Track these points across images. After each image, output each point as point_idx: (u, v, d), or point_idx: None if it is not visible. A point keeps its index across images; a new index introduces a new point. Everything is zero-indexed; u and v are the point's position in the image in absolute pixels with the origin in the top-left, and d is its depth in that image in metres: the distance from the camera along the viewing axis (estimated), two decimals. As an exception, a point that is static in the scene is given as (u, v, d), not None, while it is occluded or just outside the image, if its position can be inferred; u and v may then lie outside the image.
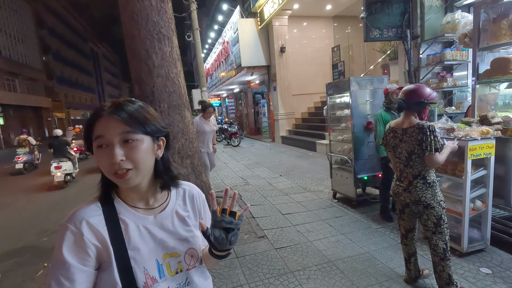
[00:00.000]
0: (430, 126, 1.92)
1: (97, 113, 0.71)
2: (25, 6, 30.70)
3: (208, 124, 4.80)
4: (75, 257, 0.65)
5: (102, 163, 0.69)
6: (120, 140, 0.69)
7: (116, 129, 0.69)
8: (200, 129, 4.68)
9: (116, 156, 0.67)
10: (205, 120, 4.78)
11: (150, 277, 0.71)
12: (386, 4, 5.08)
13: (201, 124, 4.71)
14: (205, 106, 4.79)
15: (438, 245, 2.01)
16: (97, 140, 0.69)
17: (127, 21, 3.31)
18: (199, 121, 4.69)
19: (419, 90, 2.02)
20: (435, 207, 1.98)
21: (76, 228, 0.67)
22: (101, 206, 0.72)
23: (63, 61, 38.56)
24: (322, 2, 10.38)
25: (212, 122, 4.93)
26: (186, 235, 0.80)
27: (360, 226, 3.46)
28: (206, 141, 4.77)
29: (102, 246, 0.68)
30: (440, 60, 4.53)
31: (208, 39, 21.37)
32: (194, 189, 0.91)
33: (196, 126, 4.52)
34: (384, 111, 3.51)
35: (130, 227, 0.73)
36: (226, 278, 2.60)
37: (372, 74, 9.32)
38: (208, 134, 4.76)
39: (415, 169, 2.03)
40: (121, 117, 0.69)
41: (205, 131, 4.71)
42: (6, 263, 3.38)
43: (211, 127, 4.86)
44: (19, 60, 28.11)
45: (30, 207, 5.64)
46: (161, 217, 0.78)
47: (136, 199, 0.77)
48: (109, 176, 0.71)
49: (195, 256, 0.81)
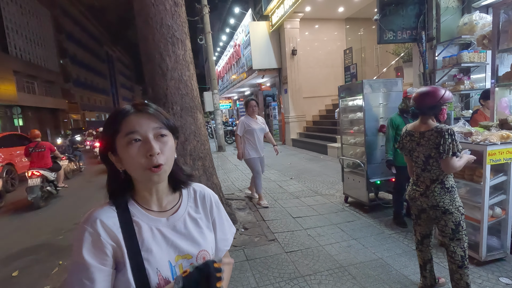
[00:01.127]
0: (449, 130, 1.86)
1: (123, 112, 0.72)
2: (45, 11, 31.87)
3: (256, 121, 4.30)
4: (94, 257, 0.66)
5: (136, 158, 0.70)
6: (154, 134, 0.72)
7: (149, 124, 0.71)
8: (247, 128, 4.24)
9: (155, 149, 0.69)
10: (251, 118, 4.31)
11: (163, 278, 0.71)
12: (400, 5, 5.01)
13: (247, 122, 4.23)
14: (246, 102, 4.38)
15: (456, 252, 1.95)
16: (128, 135, 0.70)
17: (142, 25, 3.37)
18: (244, 119, 4.27)
19: (430, 93, 1.95)
20: (454, 212, 1.92)
21: (93, 229, 0.68)
22: (116, 209, 0.73)
23: (80, 64, 39.75)
24: (334, 4, 10.32)
25: (260, 120, 4.41)
26: (198, 237, 0.81)
27: (372, 231, 3.39)
28: (256, 143, 4.27)
29: (118, 247, 0.69)
30: (457, 62, 4.42)
31: (220, 42, 21.58)
32: (205, 190, 0.92)
33: (242, 126, 4.23)
34: (397, 115, 3.46)
35: (143, 229, 0.74)
36: (236, 280, 2.59)
37: (385, 76, 9.18)
38: (257, 133, 4.26)
39: (432, 174, 1.97)
40: (151, 113, 0.72)
41: (253, 128, 4.22)
42: (23, 260, 3.48)
43: (260, 125, 4.32)
44: (38, 63, 29.14)
45: (46, 206, 5.80)
46: (173, 219, 0.79)
47: (151, 201, 0.78)
48: (139, 172, 0.71)
49: (207, 258, 0.81)
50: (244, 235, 3.51)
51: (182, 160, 3.47)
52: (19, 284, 2.98)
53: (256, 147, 4.27)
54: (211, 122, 16.31)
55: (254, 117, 4.33)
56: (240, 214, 4.20)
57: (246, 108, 4.35)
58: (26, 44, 27.50)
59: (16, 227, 4.68)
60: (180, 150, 3.46)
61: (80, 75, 39.60)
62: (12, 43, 25.29)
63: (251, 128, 4.19)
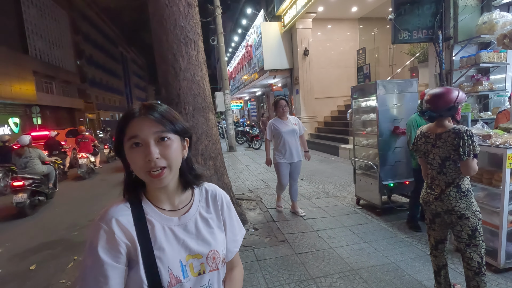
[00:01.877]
0: (467, 131, 1.80)
1: (128, 115, 0.73)
2: (63, 14, 32.87)
3: (285, 123, 3.86)
4: (108, 255, 0.67)
5: (137, 162, 0.71)
6: (155, 139, 0.72)
7: (150, 128, 0.72)
8: (274, 131, 3.86)
9: (153, 154, 0.70)
10: (280, 120, 3.89)
11: (174, 277, 0.72)
12: (416, 4, 4.90)
13: (275, 125, 3.84)
14: (275, 102, 3.94)
15: (472, 258, 1.88)
16: (131, 140, 0.71)
17: (156, 26, 3.43)
18: (273, 122, 3.89)
19: (446, 94, 1.89)
20: (470, 217, 1.86)
21: (108, 226, 0.69)
22: (130, 206, 0.75)
23: (95, 65, 40.76)
24: (347, 4, 10.20)
25: (292, 121, 3.93)
26: (208, 237, 0.81)
27: (385, 234, 3.33)
28: (285, 147, 3.82)
29: (131, 245, 0.71)
30: (475, 63, 4.29)
31: (232, 43, 21.70)
32: (217, 189, 0.92)
33: (269, 129, 3.88)
34: (418, 116, 3.32)
35: (156, 227, 0.75)
36: (246, 281, 2.59)
37: (399, 77, 9.01)
38: (285, 136, 3.80)
39: (448, 177, 1.92)
40: (154, 117, 0.72)
41: (280, 131, 3.79)
42: (40, 255, 3.60)
43: (291, 126, 3.85)
44: (56, 64, 30.06)
45: (62, 202, 5.98)
46: (185, 219, 0.80)
47: (163, 200, 0.79)
48: (142, 175, 0.73)
49: (217, 258, 0.81)
50: (254, 235, 3.51)
51: (194, 160, 3.50)
52: (36, 277, 3.08)
53: (284, 152, 3.84)
54: (222, 122, 16.43)
55: (285, 118, 3.90)
56: (251, 214, 4.20)
57: (275, 109, 3.92)
58: (45, 45, 28.42)
59: (33, 224, 4.85)
60: (192, 149, 3.48)
61: (95, 75, 40.60)
62: (32, 44, 26.19)
63: (278, 131, 3.81)
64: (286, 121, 3.88)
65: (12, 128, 21.84)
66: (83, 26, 38.08)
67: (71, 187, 7.44)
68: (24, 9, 25.52)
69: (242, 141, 14.45)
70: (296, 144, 3.88)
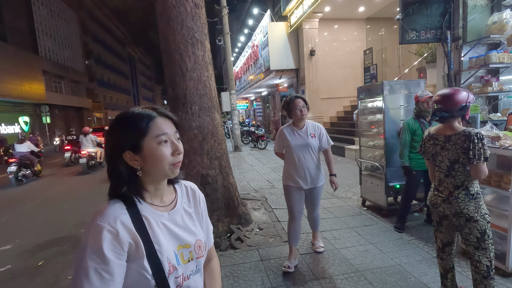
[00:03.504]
0: (478, 134, 1.77)
1: (148, 116, 0.81)
2: (72, 14, 33.38)
3: (298, 133, 2.71)
4: (113, 253, 0.72)
5: (166, 156, 0.81)
6: (175, 137, 0.84)
7: (173, 129, 0.85)
8: (281, 142, 2.79)
9: (181, 148, 0.84)
10: (293, 128, 2.74)
11: (171, 265, 0.81)
12: (424, 4, 4.85)
13: (285, 134, 2.74)
14: (287, 102, 2.74)
15: (481, 261, 1.86)
16: (160, 137, 0.80)
17: (164, 26, 3.46)
18: (283, 130, 2.78)
19: (458, 94, 1.86)
20: (479, 220, 1.83)
21: (111, 227, 0.73)
22: (125, 205, 0.79)
23: (103, 64, 41.29)
24: (354, 4, 10.13)
25: (310, 130, 2.74)
26: (193, 228, 0.91)
27: (390, 236, 3.30)
28: (296, 166, 2.70)
29: (134, 241, 0.75)
30: (485, 63, 4.22)
31: (238, 43, 21.74)
32: (194, 186, 1.02)
33: (278, 140, 2.83)
34: (413, 119, 3.33)
35: (152, 223, 0.81)
36: (250, 280, 2.60)
37: (406, 77, 8.91)
38: (296, 152, 2.69)
39: (457, 179, 1.89)
40: (172, 119, 0.86)
41: (289, 144, 2.70)
42: (48, 251, 3.66)
43: (304, 138, 2.69)
44: (65, 64, 30.54)
45: (70, 200, 6.07)
46: (173, 214, 0.88)
47: (154, 196, 0.86)
48: (166, 168, 0.81)
49: (202, 247, 0.92)
50: (259, 235, 3.52)
51: (200, 159, 3.52)
52: (44, 273, 3.14)
53: (294, 172, 2.71)
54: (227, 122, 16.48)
55: (301, 124, 2.73)
56: (255, 214, 4.21)
57: (290, 112, 2.72)
58: (54, 45, 28.90)
59: (42, 221, 4.93)
60: (198, 149, 3.52)
61: (103, 75, 41.12)
62: (42, 44, 26.67)
63: (288, 143, 2.71)
64: (302, 129, 2.71)
65: (22, 127, 22.25)
66: (92, 26, 38.61)
67: (80, 184, 7.55)
68: (35, 10, 26.00)
69: (248, 141, 14.46)
70: (313, 162, 2.71)
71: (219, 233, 3.41)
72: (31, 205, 5.90)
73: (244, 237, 3.41)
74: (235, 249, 3.20)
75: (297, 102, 2.68)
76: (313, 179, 2.75)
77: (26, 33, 24.80)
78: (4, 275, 3.15)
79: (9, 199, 6.58)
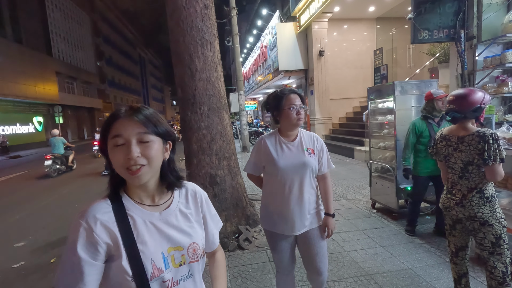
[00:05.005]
0: (493, 134, 1.72)
1: (115, 115, 0.77)
2: (85, 16, 34.10)
3: (289, 148, 1.73)
4: (86, 252, 0.71)
5: (118, 160, 0.75)
6: (137, 139, 0.76)
7: (134, 129, 0.76)
8: (263, 158, 1.77)
9: (133, 152, 0.74)
10: (280, 139, 1.76)
11: (156, 268, 0.76)
12: (437, 3, 4.75)
13: (267, 146, 1.75)
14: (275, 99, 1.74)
15: (496, 267, 1.80)
16: (114, 138, 0.75)
17: (174, 27, 3.49)
18: (265, 141, 1.77)
19: (472, 95, 1.80)
20: (494, 224, 1.77)
21: (87, 224, 0.72)
22: (111, 203, 0.78)
23: (114, 65, 42.03)
24: (364, 4, 10.01)
25: (307, 143, 1.75)
26: (188, 230, 0.86)
27: (401, 239, 3.24)
28: (279, 199, 1.73)
29: (112, 241, 0.74)
30: (500, 63, 4.11)
31: (247, 44, 21.78)
32: (196, 187, 0.97)
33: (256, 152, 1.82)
34: (420, 120, 3.19)
35: (137, 222, 0.78)
36: (258, 281, 2.59)
37: (418, 78, 8.75)
38: (289, 175, 1.70)
39: (471, 182, 1.84)
40: (138, 118, 0.77)
41: (277, 164, 1.70)
42: (61, 248, 3.73)
43: (302, 155, 1.71)
44: (77, 65, 31.22)
45: (82, 198, 6.19)
46: (166, 214, 0.84)
47: (143, 196, 0.83)
48: (122, 172, 0.76)
49: (197, 251, 0.86)
50: (267, 236, 3.50)
51: (208, 159, 3.54)
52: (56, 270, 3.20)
53: (278, 212, 1.75)
54: (236, 122, 16.52)
55: (293, 133, 1.76)
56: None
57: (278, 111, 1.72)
58: (67, 47, 29.58)
59: (54, 219, 5.04)
60: (207, 149, 3.53)
61: (114, 76, 41.84)
62: (56, 46, 27.33)
63: (272, 163, 1.73)
64: (295, 141, 1.74)
65: (36, 127, 22.83)
66: (104, 28, 39.36)
67: (92, 182, 7.70)
68: (49, 13, 26.67)
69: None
70: (311, 194, 1.75)
71: (227, 233, 3.41)
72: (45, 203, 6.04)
73: (252, 238, 3.40)
74: (243, 249, 3.20)
75: (291, 98, 1.66)
76: (308, 219, 1.73)
77: (41, 35, 25.46)
78: (18, 271, 3.22)
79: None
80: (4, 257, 3.55)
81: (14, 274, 3.16)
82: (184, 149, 3.69)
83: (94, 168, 9.96)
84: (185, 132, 3.59)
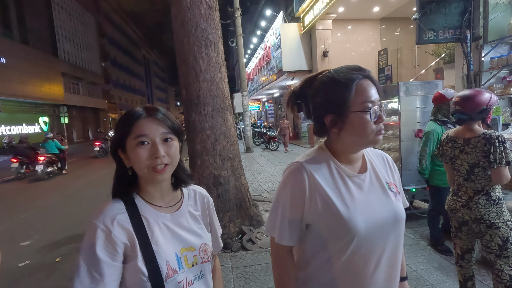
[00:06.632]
0: (499, 136, 1.70)
1: (134, 116, 0.78)
2: (90, 18, 34.41)
3: (359, 187, 0.86)
4: (105, 253, 0.71)
5: (142, 159, 0.76)
6: (161, 139, 0.78)
7: (158, 130, 0.78)
8: (314, 208, 0.82)
9: (161, 152, 0.77)
10: (340, 168, 0.86)
11: (171, 268, 0.77)
12: (442, 3, 4.72)
13: (324, 190, 0.82)
14: (336, 86, 0.85)
15: (503, 270, 1.78)
16: (138, 138, 0.76)
17: (178, 28, 3.51)
18: (313, 175, 0.83)
19: (479, 96, 1.78)
20: (501, 227, 1.75)
21: (105, 226, 0.73)
22: (124, 204, 0.78)
23: (119, 66, 42.33)
24: (369, 4, 9.98)
25: (381, 169, 0.95)
26: (199, 231, 0.88)
27: (406, 241, 3.21)
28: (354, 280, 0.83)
29: (129, 242, 0.74)
30: (507, 63, 4.07)
31: (251, 45, 21.81)
32: (203, 191, 0.99)
33: (302, 204, 0.83)
34: (439, 126, 2.81)
35: (151, 223, 0.79)
36: (262, 282, 2.59)
37: (423, 78, 8.68)
38: (373, 243, 0.81)
39: (477, 184, 1.82)
40: (161, 119, 0.79)
41: (353, 226, 0.79)
42: (66, 248, 3.77)
43: (389, 200, 0.87)
44: (82, 66, 31.50)
45: (88, 197, 6.23)
46: (177, 216, 0.85)
47: (156, 197, 0.84)
48: (145, 172, 0.77)
49: (208, 251, 0.88)
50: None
51: (212, 160, 3.54)
52: (61, 269, 3.23)
53: None
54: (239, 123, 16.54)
55: (357, 155, 0.91)
56: (267, 216, 4.19)
57: (340, 114, 0.83)
58: (73, 48, 29.86)
59: (60, 218, 5.09)
60: (210, 149, 3.54)
61: (119, 76, 42.14)
62: (61, 47, 27.60)
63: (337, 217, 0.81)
64: (365, 172, 0.89)
65: (41, 127, 23.08)
66: (108, 29, 39.67)
67: (98, 182, 7.75)
68: (55, 14, 26.94)
69: (259, 143, 14.47)
70: (397, 264, 0.89)
71: (231, 234, 3.41)
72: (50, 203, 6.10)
73: (256, 238, 3.40)
74: (246, 250, 3.19)
75: (365, 89, 0.82)
76: None
77: (47, 37, 25.74)
78: (24, 270, 3.26)
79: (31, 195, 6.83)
80: (11, 255, 3.58)
81: (20, 273, 3.20)
82: (188, 149, 3.70)
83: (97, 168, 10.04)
84: (189, 133, 3.61)
